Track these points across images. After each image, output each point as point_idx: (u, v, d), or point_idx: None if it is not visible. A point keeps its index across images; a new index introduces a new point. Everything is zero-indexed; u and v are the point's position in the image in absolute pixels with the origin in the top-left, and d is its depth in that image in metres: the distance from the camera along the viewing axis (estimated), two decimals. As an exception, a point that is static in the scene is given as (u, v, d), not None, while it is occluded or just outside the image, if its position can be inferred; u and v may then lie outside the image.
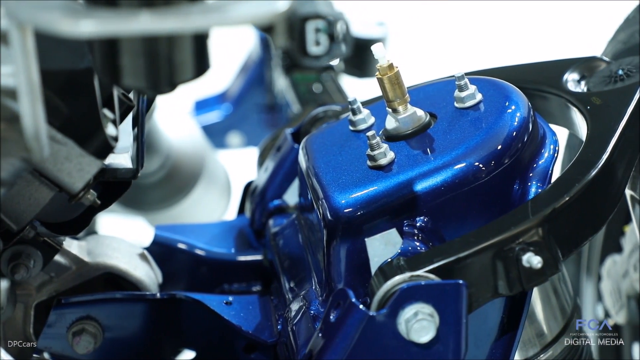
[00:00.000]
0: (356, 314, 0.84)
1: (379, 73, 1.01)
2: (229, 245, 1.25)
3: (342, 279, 0.95)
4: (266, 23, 0.62)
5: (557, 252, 0.88)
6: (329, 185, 0.98)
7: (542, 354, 1.03)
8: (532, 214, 0.87)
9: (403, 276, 0.85)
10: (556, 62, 1.13)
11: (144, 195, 1.71)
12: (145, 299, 1.09)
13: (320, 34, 0.63)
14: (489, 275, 0.87)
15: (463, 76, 1.01)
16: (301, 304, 1.00)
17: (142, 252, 1.16)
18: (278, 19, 0.61)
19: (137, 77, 0.66)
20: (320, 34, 0.63)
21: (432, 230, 0.94)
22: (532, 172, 0.96)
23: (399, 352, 0.84)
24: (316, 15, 0.62)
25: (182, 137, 1.74)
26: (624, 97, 1.00)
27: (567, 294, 1.06)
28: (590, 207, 0.91)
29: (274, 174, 1.24)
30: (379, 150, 0.97)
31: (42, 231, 0.96)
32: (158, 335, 1.11)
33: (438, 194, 0.94)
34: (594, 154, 0.93)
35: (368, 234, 0.94)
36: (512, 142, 0.96)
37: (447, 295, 0.84)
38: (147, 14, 0.60)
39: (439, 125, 1.00)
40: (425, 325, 0.83)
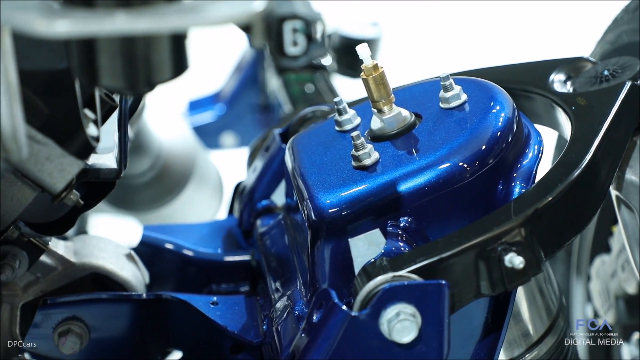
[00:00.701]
0: (338, 314, 0.84)
1: (364, 73, 1.01)
2: (217, 245, 1.25)
3: (327, 279, 0.95)
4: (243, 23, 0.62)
5: (540, 252, 0.88)
6: (314, 186, 0.98)
7: (527, 354, 1.03)
8: (514, 215, 0.88)
9: (385, 276, 0.85)
10: (542, 62, 1.14)
11: (134, 196, 1.71)
12: (132, 300, 1.09)
13: (298, 35, 0.63)
14: (471, 276, 0.87)
15: (448, 77, 1.01)
16: (286, 305, 1.00)
17: (129, 252, 1.16)
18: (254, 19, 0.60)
19: (114, 77, 0.66)
20: (298, 34, 0.63)
21: (416, 230, 0.94)
22: (516, 172, 0.96)
23: (381, 352, 0.84)
24: (293, 16, 0.62)
25: (173, 137, 1.74)
26: (609, 98, 1.00)
27: (552, 294, 1.06)
28: (573, 207, 0.91)
29: (262, 174, 1.24)
30: (364, 151, 0.97)
31: (26, 231, 0.96)
32: (144, 336, 1.10)
33: (422, 194, 0.94)
34: (577, 155, 0.93)
35: (352, 234, 0.94)
36: (496, 142, 0.96)
37: (429, 296, 0.84)
38: (122, 14, 0.60)
39: (424, 126, 1.01)
40: (407, 326, 0.84)
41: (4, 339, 1.06)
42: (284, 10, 0.62)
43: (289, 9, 0.62)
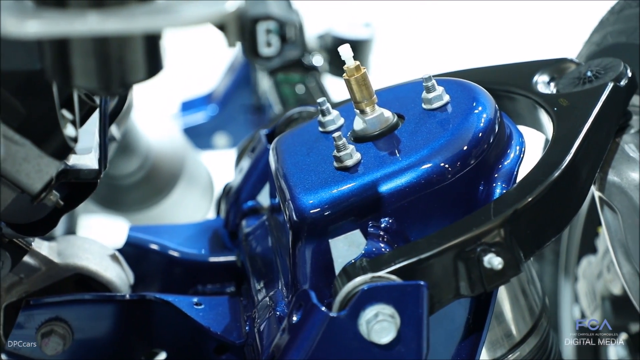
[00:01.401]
0: (317, 314, 0.85)
1: (346, 74, 1.01)
2: (203, 246, 1.25)
3: (308, 280, 0.95)
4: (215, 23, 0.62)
5: (519, 253, 0.88)
6: (296, 186, 0.98)
7: (510, 354, 1.03)
8: (493, 215, 0.88)
9: (364, 277, 0.85)
10: (526, 63, 1.14)
11: (123, 196, 1.71)
12: (115, 300, 1.09)
13: (272, 35, 0.63)
14: (450, 276, 0.87)
15: (430, 77, 1.01)
16: (268, 305, 1.00)
17: (114, 253, 1.16)
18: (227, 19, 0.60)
19: (88, 77, 0.66)
20: (272, 35, 0.63)
21: (398, 231, 0.94)
22: (497, 173, 0.96)
23: (360, 352, 0.84)
24: (267, 17, 0.62)
25: (161, 138, 1.75)
26: (590, 99, 1.00)
27: (535, 295, 1.07)
28: (553, 208, 0.91)
29: (248, 175, 1.25)
30: (345, 152, 0.97)
31: (7, 232, 0.96)
32: (128, 337, 1.10)
33: (403, 195, 0.94)
34: (558, 156, 0.93)
35: (333, 235, 0.94)
36: (477, 143, 0.96)
37: (407, 297, 0.84)
38: (94, 14, 0.60)
39: (406, 127, 1.01)
40: (386, 326, 0.84)
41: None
42: (258, 11, 0.62)
43: (262, 9, 0.62)
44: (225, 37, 0.64)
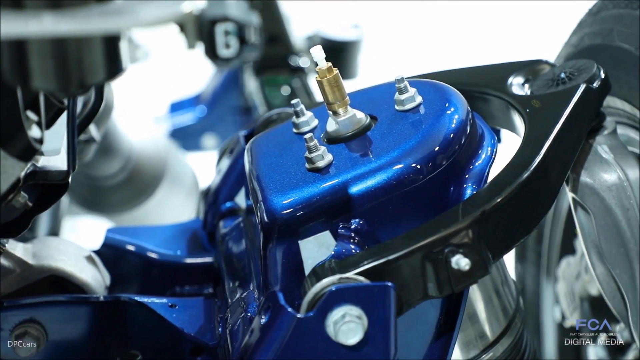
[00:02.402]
0: (285, 316, 0.85)
1: (318, 76, 1.01)
2: (181, 247, 1.25)
3: (279, 281, 0.95)
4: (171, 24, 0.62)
5: (487, 254, 0.88)
6: (267, 188, 0.98)
7: (483, 355, 1.03)
8: (462, 216, 0.88)
9: (332, 278, 0.85)
10: (502, 65, 1.14)
11: (105, 198, 1.71)
12: (90, 302, 1.09)
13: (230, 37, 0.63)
14: (418, 278, 0.87)
15: (403, 79, 1.02)
16: (239, 307, 1.00)
17: (89, 254, 1.16)
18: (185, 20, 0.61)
19: (46, 79, 0.66)
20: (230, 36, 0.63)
21: (369, 232, 0.94)
22: (468, 174, 0.97)
23: (328, 353, 0.84)
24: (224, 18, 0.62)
25: (144, 139, 1.74)
26: (562, 100, 1.01)
27: (509, 295, 1.07)
28: (521, 209, 0.91)
29: (226, 176, 1.25)
30: (317, 153, 0.97)
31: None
32: (103, 338, 1.10)
33: (374, 196, 0.94)
34: (528, 157, 0.93)
35: (304, 236, 0.94)
36: (449, 144, 0.96)
37: (375, 298, 0.84)
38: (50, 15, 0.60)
39: (379, 128, 1.01)
40: (353, 327, 0.84)
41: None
42: (216, 12, 0.62)
43: (220, 11, 0.62)
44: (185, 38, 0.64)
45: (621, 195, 1.03)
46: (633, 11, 1.11)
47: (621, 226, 1.04)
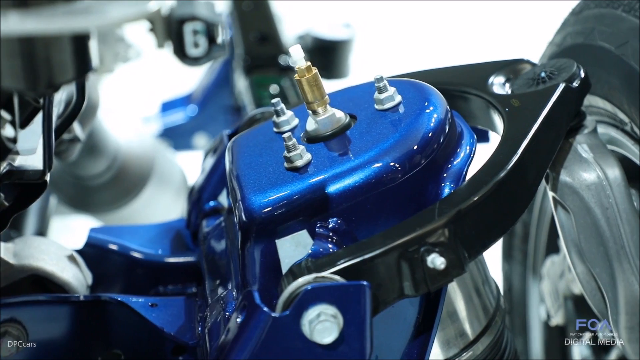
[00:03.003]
0: (260, 315, 0.85)
1: (297, 75, 1.01)
2: (165, 246, 1.25)
3: (257, 280, 0.95)
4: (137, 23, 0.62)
5: (463, 253, 0.88)
6: (246, 187, 0.98)
7: (463, 353, 1.04)
8: (438, 216, 0.88)
9: (307, 277, 0.85)
10: (484, 64, 1.14)
11: (92, 197, 1.71)
12: (70, 301, 1.09)
13: (199, 36, 0.63)
14: (394, 277, 0.87)
15: (382, 78, 1.02)
16: (218, 306, 1.00)
17: (71, 254, 1.16)
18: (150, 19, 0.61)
19: (14, 78, 0.66)
20: (199, 36, 0.63)
21: (347, 231, 0.94)
22: (446, 173, 0.97)
23: (303, 353, 0.85)
24: (193, 17, 0.62)
25: (130, 138, 1.74)
26: (541, 100, 1.01)
27: (490, 294, 1.07)
28: (498, 208, 0.91)
29: (210, 175, 1.25)
30: (295, 152, 0.97)
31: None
32: (85, 338, 1.10)
33: (352, 195, 0.94)
34: (505, 156, 0.93)
35: (282, 235, 0.94)
36: (427, 143, 0.96)
37: (350, 297, 0.84)
38: (16, 14, 0.60)
39: (358, 127, 1.01)
40: (328, 327, 0.84)
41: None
42: (184, 11, 0.62)
43: (189, 10, 0.62)
44: (155, 38, 0.64)
45: (600, 194, 1.04)
46: (614, 10, 1.12)
47: (600, 225, 1.04)
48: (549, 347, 1.56)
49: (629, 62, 1.06)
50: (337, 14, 3.20)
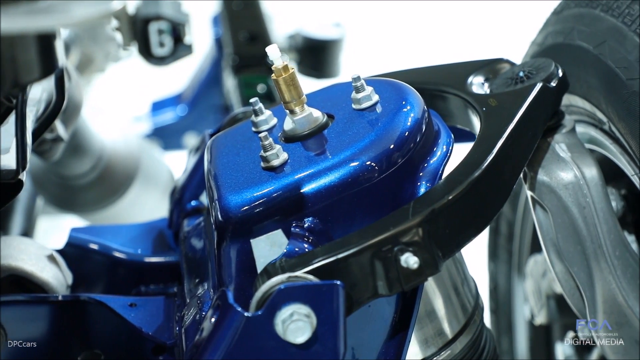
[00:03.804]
0: (233, 315, 0.85)
1: (274, 74, 1.01)
2: (147, 246, 1.25)
3: (233, 280, 0.95)
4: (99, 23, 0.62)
5: (437, 252, 0.88)
6: (223, 186, 0.98)
7: (442, 352, 1.04)
8: (412, 215, 0.88)
9: (281, 277, 0.85)
10: (463, 64, 1.14)
11: (77, 197, 1.71)
12: (49, 301, 1.09)
13: (165, 36, 0.63)
14: (368, 276, 0.87)
15: (359, 78, 1.02)
16: (195, 306, 1.00)
17: (51, 253, 1.16)
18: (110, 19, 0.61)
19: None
20: (164, 35, 0.63)
21: (322, 231, 0.94)
22: (423, 172, 0.97)
23: (277, 352, 0.85)
24: (158, 17, 0.62)
25: (115, 138, 1.74)
26: (518, 99, 1.01)
27: (468, 293, 1.07)
28: (472, 208, 0.91)
29: (192, 174, 1.25)
30: (272, 152, 0.97)
31: None
32: (64, 338, 1.10)
33: (328, 195, 0.94)
34: (480, 155, 0.93)
35: (258, 235, 0.94)
36: (404, 142, 0.96)
37: (323, 296, 0.84)
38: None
39: (335, 126, 1.01)
40: (301, 326, 0.84)
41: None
42: (149, 11, 0.62)
43: (154, 9, 0.62)
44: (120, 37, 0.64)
45: (577, 194, 1.04)
46: (592, 10, 1.12)
47: (578, 224, 1.04)
48: (534, 347, 1.56)
49: (607, 61, 1.06)
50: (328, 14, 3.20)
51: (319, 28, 2.39)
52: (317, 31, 2.38)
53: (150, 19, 0.60)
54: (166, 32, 0.61)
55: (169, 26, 0.61)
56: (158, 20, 0.60)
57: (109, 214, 1.75)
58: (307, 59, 2.40)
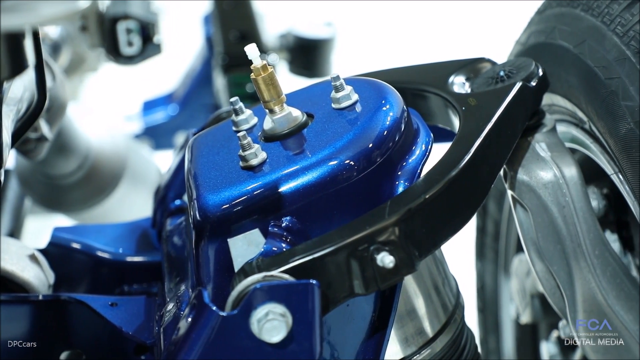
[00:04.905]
0: (209, 314, 0.85)
1: (253, 74, 1.01)
2: (130, 246, 1.25)
3: (211, 280, 0.95)
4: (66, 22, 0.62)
5: (414, 251, 0.88)
6: (201, 185, 0.98)
7: (422, 351, 1.04)
8: (388, 214, 0.88)
9: (257, 276, 0.85)
10: (445, 63, 1.14)
11: (63, 196, 1.71)
12: (29, 301, 1.09)
13: (133, 35, 0.63)
14: (344, 275, 0.87)
15: (338, 77, 1.02)
16: (174, 306, 1.00)
17: (33, 253, 1.15)
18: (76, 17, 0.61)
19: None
20: (133, 34, 0.63)
21: (300, 230, 0.94)
22: (401, 171, 0.97)
23: (253, 352, 0.85)
24: (126, 16, 0.62)
25: (102, 137, 1.74)
26: (497, 99, 1.01)
27: (449, 292, 1.07)
28: (449, 207, 0.91)
29: (176, 173, 1.25)
30: (250, 151, 0.97)
31: None
32: (44, 337, 1.10)
33: (307, 194, 0.94)
34: (457, 155, 0.93)
35: (236, 234, 0.94)
36: (382, 141, 0.96)
37: (298, 296, 0.84)
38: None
39: (315, 126, 1.01)
40: (277, 325, 0.84)
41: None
42: (117, 10, 0.62)
43: (122, 9, 0.62)
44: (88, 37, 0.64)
45: (557, 193, 1.04)
46: (573, 9, 1.12)
47: (557, 223, 1.04)
48: (521, 346, 1.56)
49: (586, 60, 1.06)
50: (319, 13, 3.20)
51: (310, 27, 2.39)
52: (309, 30, 2.39)
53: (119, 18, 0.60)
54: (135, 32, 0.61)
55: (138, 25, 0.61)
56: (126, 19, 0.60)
57: (97, 213, 1.75)
58: (298, 58, 2.40)
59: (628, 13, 1.01)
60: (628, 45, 1.00)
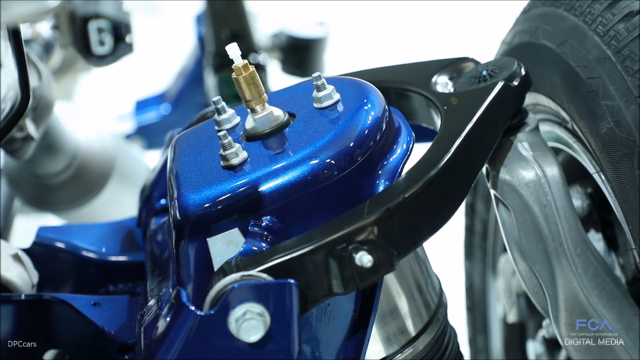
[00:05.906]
0: (187, 314, 0.85)
1: (235, 73, 1.01)
2: (115, 245, 1.25)
3: (191, 279, 0.95)
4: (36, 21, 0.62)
5: (393, 251, 0.88)
6: (182, 185, 0.98)
7: (404, 350, 1.03)
8: (367, 214, 0.88)
9: (235, 276, 0.85)
10: (428, 62, 1.14)
11: (51, 195, 1.71)
12: (12, 300, 1.09)
13: (105, 34, 0.63)
14: (322, 275, 0.87)
15: (320, 76, 1.02)
16: (155, 305, 1.00)
17: (16, 252, 1.15)
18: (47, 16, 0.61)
19: None
20: (104, 34, 0.63)
21: (280, 229, 0.94)
22: (382, 170, 0.97)
23: (230, 351, 0.85)
24: (97, 15, 0.62)
25: (90, 136, 1.74)
26: (478, 98, 1.01)
27: (432, 291, 1.07)
28: (429, 206, 0.91)
29: (161, 173, 1.25)
30: (231, 150, 0.97)
31: None
32: (27, 337, 1.10)
33: (286, 193, 0.94)
34: (438, 154, 0.93)
35: (216, 233, 0.94)
36: (363, 140, 0.96)
37: (276, 295, 0.84)
38: None
39: (296, 125, 1.01)
40: (254, 325, 0.84)
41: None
42: (88, 9, 0.62)
43: (93, 8, 0.62)
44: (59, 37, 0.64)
45: (538, 192, 1.04)
46: (556, 9, 1.12)
47: (539, 222, 1.04)
48: (508, 345, 1.57)
49: (568, 60, 1.06)
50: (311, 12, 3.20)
51: (302, 27, 2.39)
52: (301, 30, 2.39)
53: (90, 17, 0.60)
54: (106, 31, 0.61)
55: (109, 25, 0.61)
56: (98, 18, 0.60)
57: (86, 212, 1.75)
58: (291, 57, 2.40)
59: (609, 13, 1.01)
60: (609, 45, 1.00)
